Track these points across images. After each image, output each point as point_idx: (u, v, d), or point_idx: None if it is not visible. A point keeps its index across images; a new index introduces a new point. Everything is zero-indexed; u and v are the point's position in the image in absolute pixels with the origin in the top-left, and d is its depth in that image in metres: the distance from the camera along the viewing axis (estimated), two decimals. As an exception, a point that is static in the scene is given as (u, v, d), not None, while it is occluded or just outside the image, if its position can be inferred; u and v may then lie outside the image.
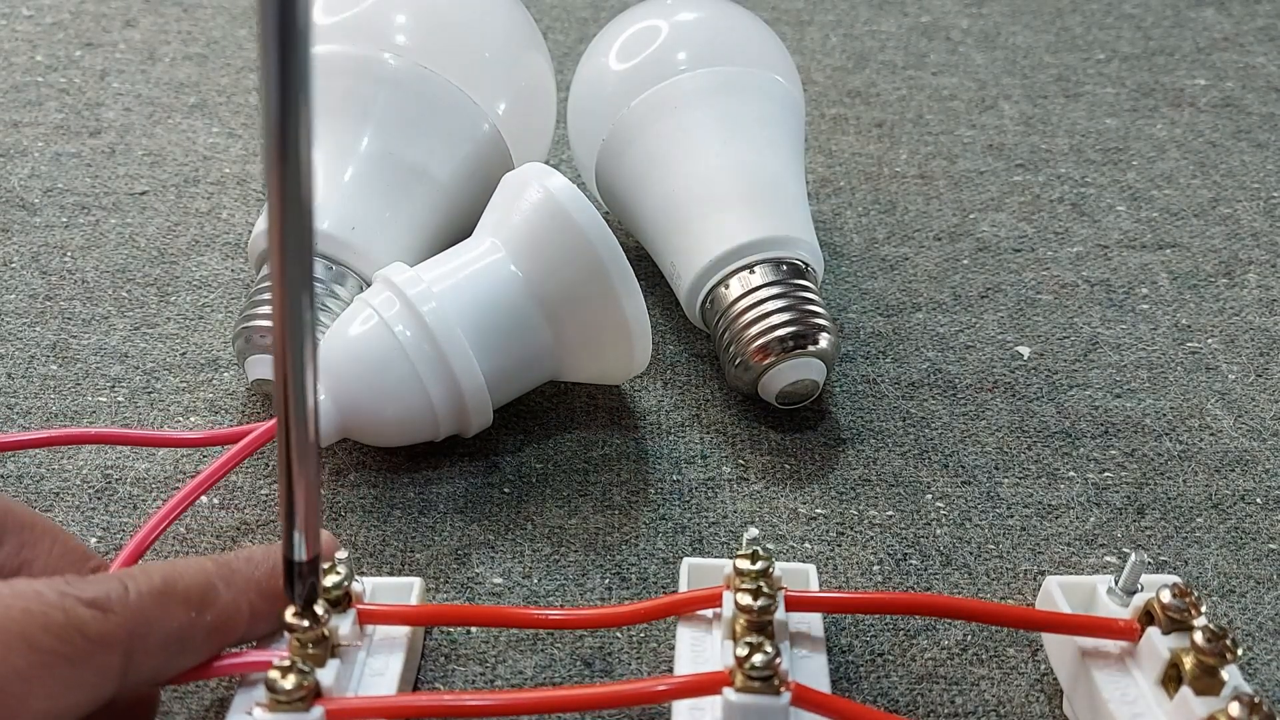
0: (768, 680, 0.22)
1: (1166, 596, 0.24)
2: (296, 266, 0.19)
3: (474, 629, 0.28)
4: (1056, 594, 0.26)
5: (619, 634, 0.28)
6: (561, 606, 0.29)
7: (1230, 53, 0.57)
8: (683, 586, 0.27)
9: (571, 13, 0.60)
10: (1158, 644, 0.24)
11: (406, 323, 0.30)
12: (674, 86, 0.37)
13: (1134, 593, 0.25)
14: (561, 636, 0.28)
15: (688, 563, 0.27)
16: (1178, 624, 0.24)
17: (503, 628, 0.28)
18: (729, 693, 0.22)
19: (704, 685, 0.23)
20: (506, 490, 0.32)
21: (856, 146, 0.49)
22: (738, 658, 0.22)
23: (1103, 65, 0.56)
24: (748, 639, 0.23)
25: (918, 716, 0.27)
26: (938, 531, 0.32)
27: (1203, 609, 0.24)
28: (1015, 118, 0.52)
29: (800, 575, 0.27)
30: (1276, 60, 0.57)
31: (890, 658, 0.28)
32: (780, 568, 0.26)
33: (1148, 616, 0.24)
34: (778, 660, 0.22)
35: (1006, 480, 0.33)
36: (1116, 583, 0.26)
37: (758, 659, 0.22)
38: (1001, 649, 0.28)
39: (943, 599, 0.26)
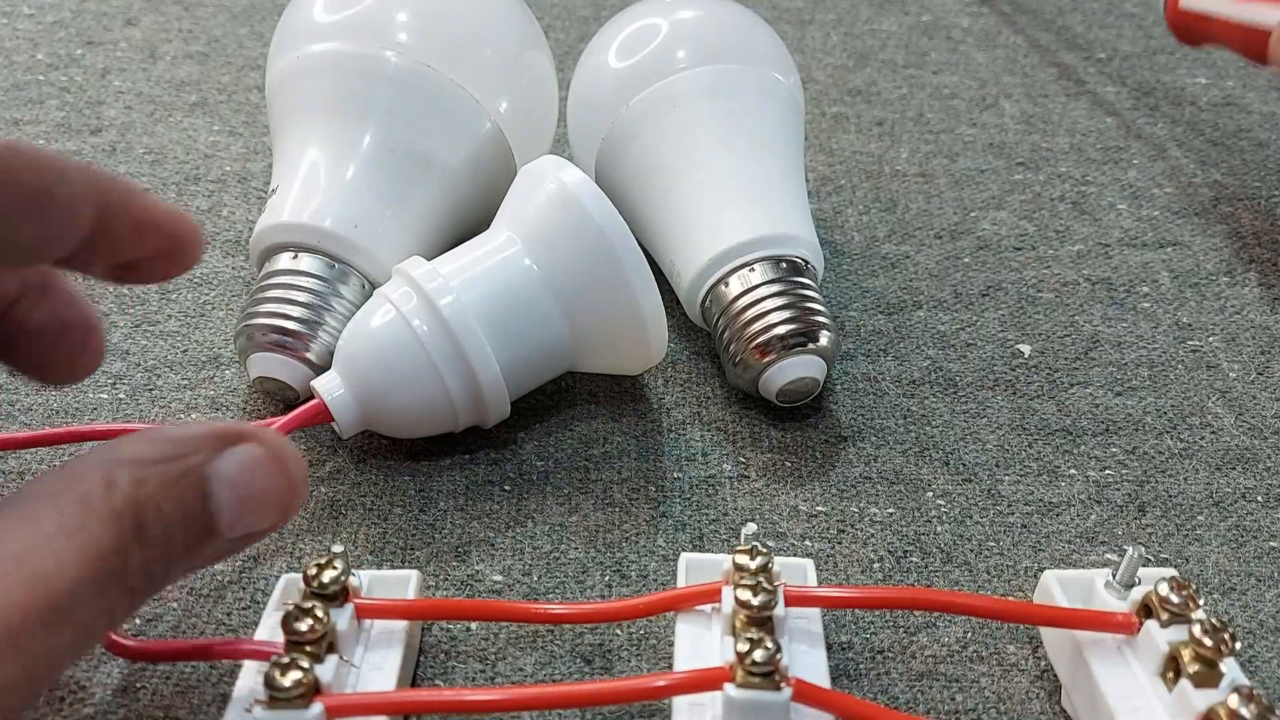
0: (768, 676, 0.22)
1: (1165, 590, 0.24)
2: None
3: (474, 626, 0.28)
4: (1054, 588, 0.26)
5: (619, 630, 0.28)
6: (562, 601, 0.29)
7: (1230, 52, 0.57)
8: (680, 581, 0.27)
9: (572, 11, 0.60)
10: (1156, 637, 0.24)
11: (423, 317, 0.30)
12: (674, 85, 0.37)
13: (1132, 586, 0.25)
14: (561, 634, 0.28)
15: (686, 558, 0.27)
16: (1176, 617, 0.24)
17: (502, 622, 0.28)
18: (730, 688, 0.22)
19: (705, 681, 0.23)
20: (507, 488, 0.32)
21: (857, 145, 0.49)
22: (738, 653, 0.22)
23: (1103, 64, 0.56)
24: (748, 634, 0.22)
25: (918, 713, 0.27)
26: (938, 529, 0.32)
27: (1201, 602, 0.24)
28: (1016, 116, 0.52)
29: (799, 570, 0.27)
30: (1277, 59, 0.57)
31: (890, 655, 0.28)
32: (778, 562, 0.26)
33: (1146, 610, 0.24)
34: (779, 656, 0.22)
35: (1007, 478, 0.33)
36: (1114, 577, 0.26)
37: (759, 654, 0.22)
38: (1001, 646, 0.28)
39: (942, 594, 0.26)
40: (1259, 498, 0.33)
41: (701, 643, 0.25)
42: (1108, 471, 0.34)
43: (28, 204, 0.21)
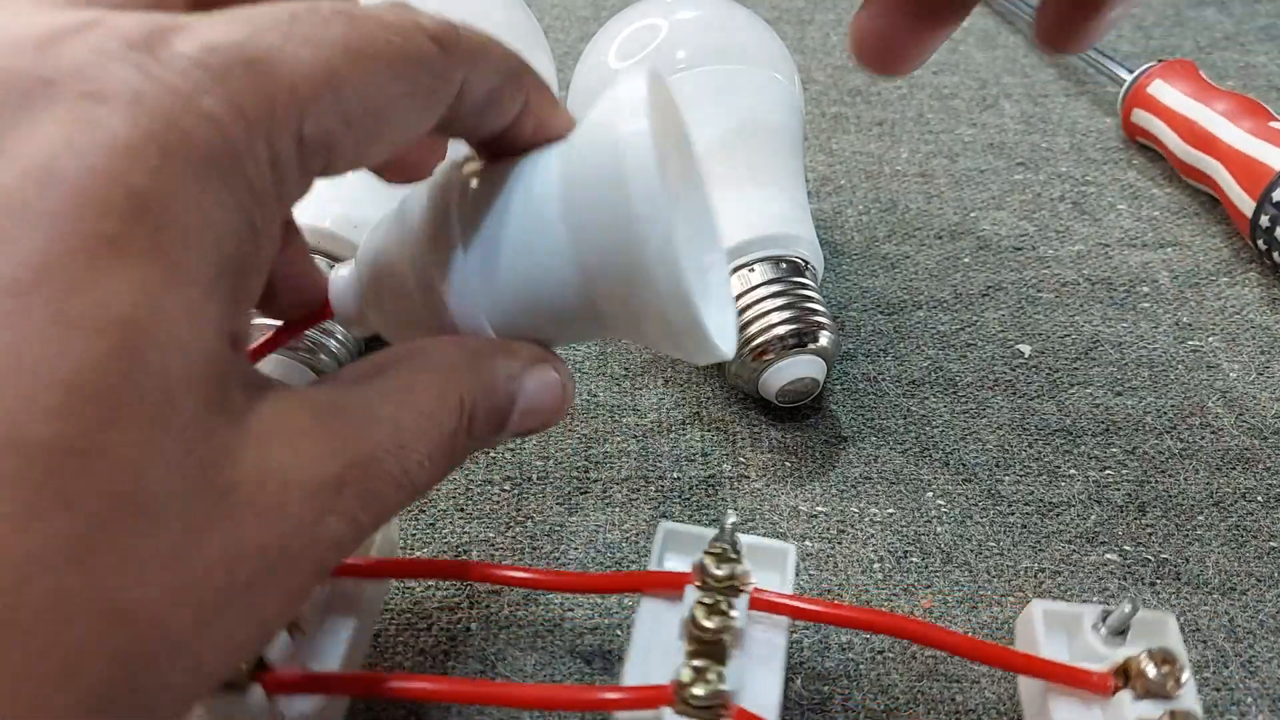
0: (709, 709, 0.21)
1: (1147, 664, 0.23)
2: None
3: (474, 626, 0.28)
4: (1037, 621, 0.25)
5: (620, 632, 0.28)
6: (527, 567, 0.27)
7: (1231, 52, 0.57)
8: (656, 550, 0.26)
9: (572, 11, 0.60)
10: (1126, 711, 0.23)
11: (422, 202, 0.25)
12: (673, 85, 0.37)
13: (1122, 633, 0.24)
14: (561, 634, 0.28)
15: (665, 526, 0.26)
16: (1152, 695, 0.23)
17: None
18: (669, 714, 0.21)
19: (648, 699, 0.22)
20: (507, 487, 0.32)
21: (857, 145, 0.49)
22: (679, 683, 0.22)
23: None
24: (695, 662, 0.22)
25: (918, 714, 0.27)
26: (939, 529, 0.32)
27: (1183, 679, 0.23)
28: (1016, 116, 0.52)
29: (778, 555, 0.26)
30: (1277, 60, 0.57)
31: (890, 655, 0.28)
32: (756, 543, 0.25)
33: (1124, 674, 0.24)
34: (723, 689, 0.21)
35: (1007, 478, 0.33)
36: (1104, 620, 0.25)
37: (699, 690, 0.21)
38: (1002, 646, 0.28)
39: (917, 624, 0.25)
40: (1259, 498, 0.33)
41: (661, 628, 0.24)
42: (1108, 471, 0.34)
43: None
